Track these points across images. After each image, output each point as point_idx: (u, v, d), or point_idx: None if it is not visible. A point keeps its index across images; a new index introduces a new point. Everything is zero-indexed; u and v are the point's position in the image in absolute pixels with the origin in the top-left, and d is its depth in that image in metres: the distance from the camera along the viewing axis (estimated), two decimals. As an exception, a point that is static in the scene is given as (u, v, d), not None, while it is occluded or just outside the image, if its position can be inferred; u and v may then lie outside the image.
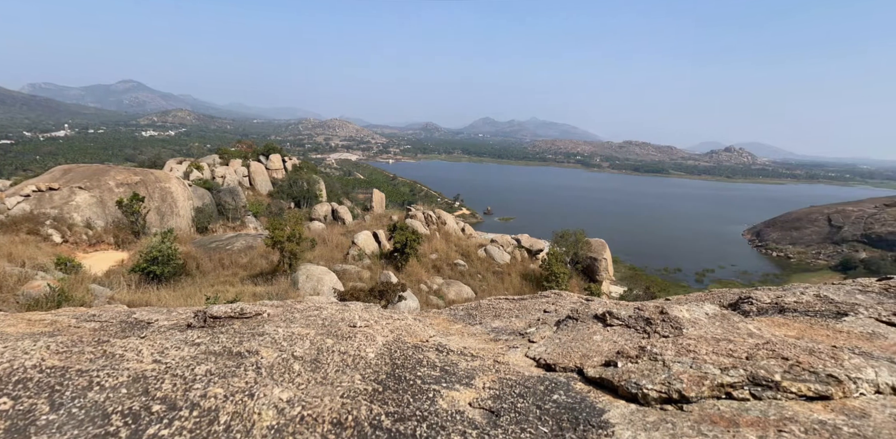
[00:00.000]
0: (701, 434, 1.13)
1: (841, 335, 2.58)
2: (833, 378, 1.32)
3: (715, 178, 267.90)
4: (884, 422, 1.16)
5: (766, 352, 1.56)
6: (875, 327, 2.68)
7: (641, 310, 2.55)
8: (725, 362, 1.54)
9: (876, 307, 2.99)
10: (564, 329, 2.67)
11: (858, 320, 2.78)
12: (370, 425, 1.48)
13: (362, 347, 2.16)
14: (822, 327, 2.74)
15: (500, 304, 4.23)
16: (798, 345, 1.63)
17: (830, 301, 3.16)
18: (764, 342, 1.76)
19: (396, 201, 74.88)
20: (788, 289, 3.73)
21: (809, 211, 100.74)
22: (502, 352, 2.36)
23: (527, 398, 1.55)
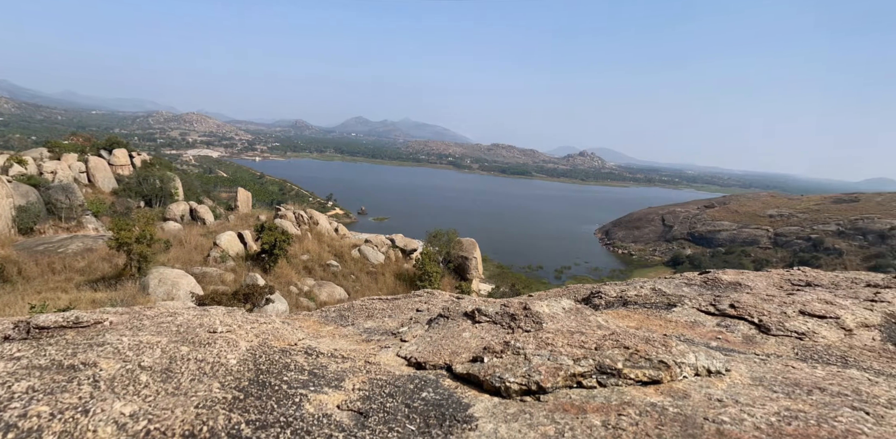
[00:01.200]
0: (554, 422, 1.24)
1: (671, 324, 2.97)
2: (663, 363, 1.53)
3: (571, 181, 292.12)
4: (700, 401, 1.36)
5: (611, 343, 1.74)
6: (696, 316, 3.11)
7: (507, 307, 2.70)
8: (578, 353, 1.70)
9: (697, 298, 3.48)
10: (436, 327, 2.74)
11: (684, 310, 3.21)
12: (228, 435, 1.39)
13: (223, 354, 2.02)
14: (656, 318, 3.13)
15: (373, 305, 4.21)
16: (637, 335, 1.85)
17: (663, 293, 3.61)
18: (610, 333, 1.97)
19: (264, 201, 71.16)
20: (630, 284, 4.19)
21: (647, 211, 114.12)
22: (374, 353, 2.35)
23: (396, 397, 1.56)
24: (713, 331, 2.83)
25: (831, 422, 1.26)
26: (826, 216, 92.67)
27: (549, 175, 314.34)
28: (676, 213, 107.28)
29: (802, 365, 2.05)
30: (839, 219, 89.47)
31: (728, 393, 1.44)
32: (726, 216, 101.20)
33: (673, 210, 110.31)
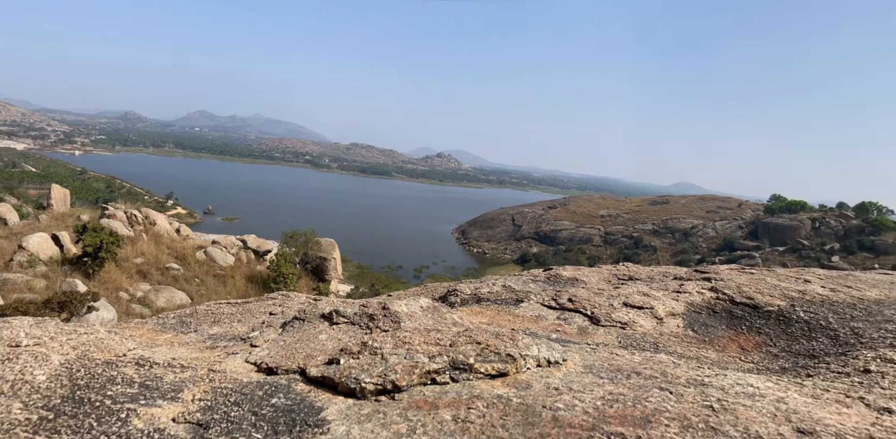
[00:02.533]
0: (407, 419, 1.27)
1: (518, 319, 3.19)
2: (510, 357, 1.64)
3: (429, 181, 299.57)
4: (540, 391, 1.49)
5: (465, 339, 1.83)
6: (540, 311, 3.39)
7: (366, 307, 2.69)
8: (433, 350, 1.75)
9: (541, 293, 3.79)
10: (290, 330, 2.62)
11: (530, 305, 3.48)
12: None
13: (28, 370, 1.72)
14: (506, 313, 3.34)
15: (220, 309, 3.91)
16: (488, 330, 1.96)
17: (512, 290, 3.87)
18: (464, 329, 2.05)
19: (88, 199, 62.31)
20: (484, 282, 4.42)
21: (500, 212, 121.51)
22: (219, 360, 2.18)
23: (243, 405, 1.47)
24: (554, 324, 3.11)
25: (644, 402, 1.45)
26: (644, 216, 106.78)
27: (408, 175, 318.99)
28: (525, 214, 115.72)
29: (624, 352, 2.33)
30: (654, 220, 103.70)
31: (564, 381, 1.60)
32: (566, 216, 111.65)
33: (521, 210, 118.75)
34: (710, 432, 1.27)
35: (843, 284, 3.73)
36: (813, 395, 1.64)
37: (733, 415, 1.38)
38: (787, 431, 1.27)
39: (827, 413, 1.45)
